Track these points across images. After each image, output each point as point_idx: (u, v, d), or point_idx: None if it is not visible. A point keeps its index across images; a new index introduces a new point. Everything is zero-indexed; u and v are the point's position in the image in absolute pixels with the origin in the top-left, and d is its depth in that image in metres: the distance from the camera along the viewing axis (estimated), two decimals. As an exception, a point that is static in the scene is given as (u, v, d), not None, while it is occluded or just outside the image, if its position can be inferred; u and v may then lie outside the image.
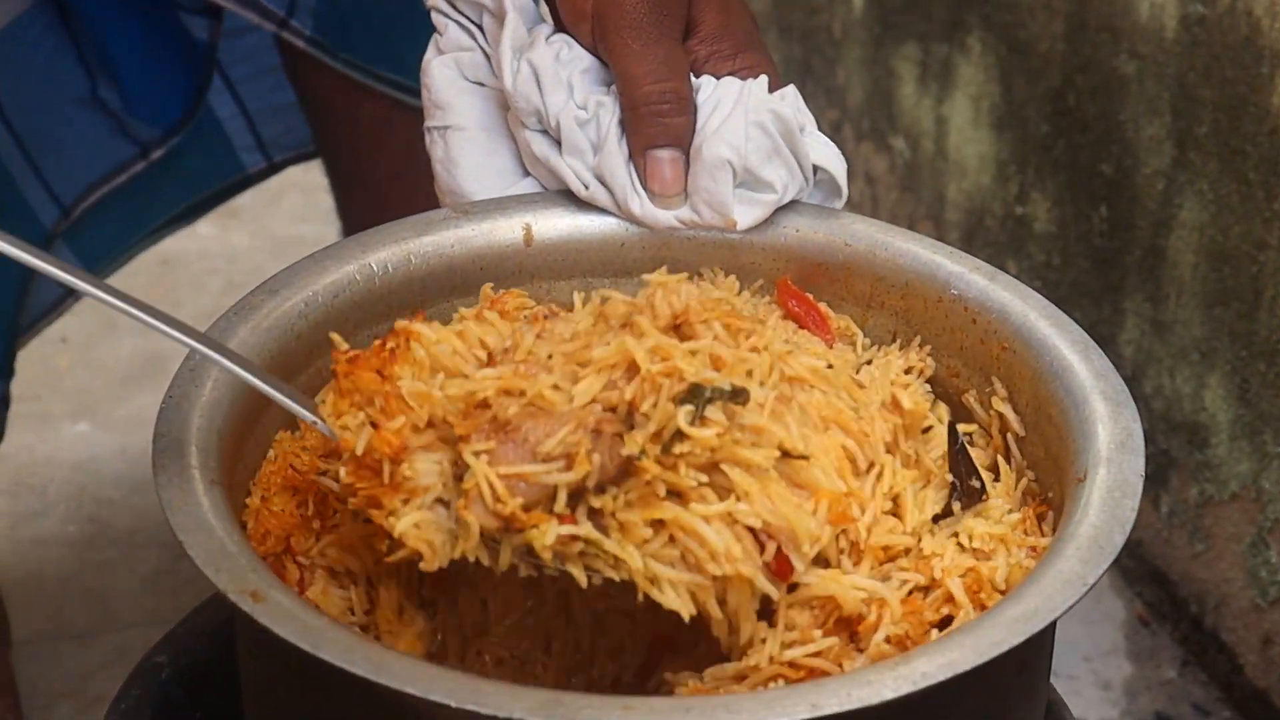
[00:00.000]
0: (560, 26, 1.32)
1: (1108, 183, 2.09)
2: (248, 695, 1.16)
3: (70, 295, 1.86)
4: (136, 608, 2.10)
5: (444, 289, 1.29)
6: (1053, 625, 1.02)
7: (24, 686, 1.97)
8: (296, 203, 2.58)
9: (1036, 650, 1.10)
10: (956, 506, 1.15)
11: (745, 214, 1.27)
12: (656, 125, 1.26)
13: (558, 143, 1.29)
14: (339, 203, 1.97)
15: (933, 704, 0.99)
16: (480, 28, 1.35)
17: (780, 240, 1.30)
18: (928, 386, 1.26)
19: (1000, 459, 1.21)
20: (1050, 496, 1.16)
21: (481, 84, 1.35)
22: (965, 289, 1.25)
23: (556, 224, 1.31)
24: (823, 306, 1.28)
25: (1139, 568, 2.14)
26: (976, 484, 1.16)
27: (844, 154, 1.32)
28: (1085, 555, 1.03)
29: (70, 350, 2.51)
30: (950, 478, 1.16)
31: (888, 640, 1.07)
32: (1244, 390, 1.91)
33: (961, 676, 0.96)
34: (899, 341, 1.28)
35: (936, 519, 1.15)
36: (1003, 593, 1.10)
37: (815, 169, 1.29)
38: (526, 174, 1.34)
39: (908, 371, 1.26)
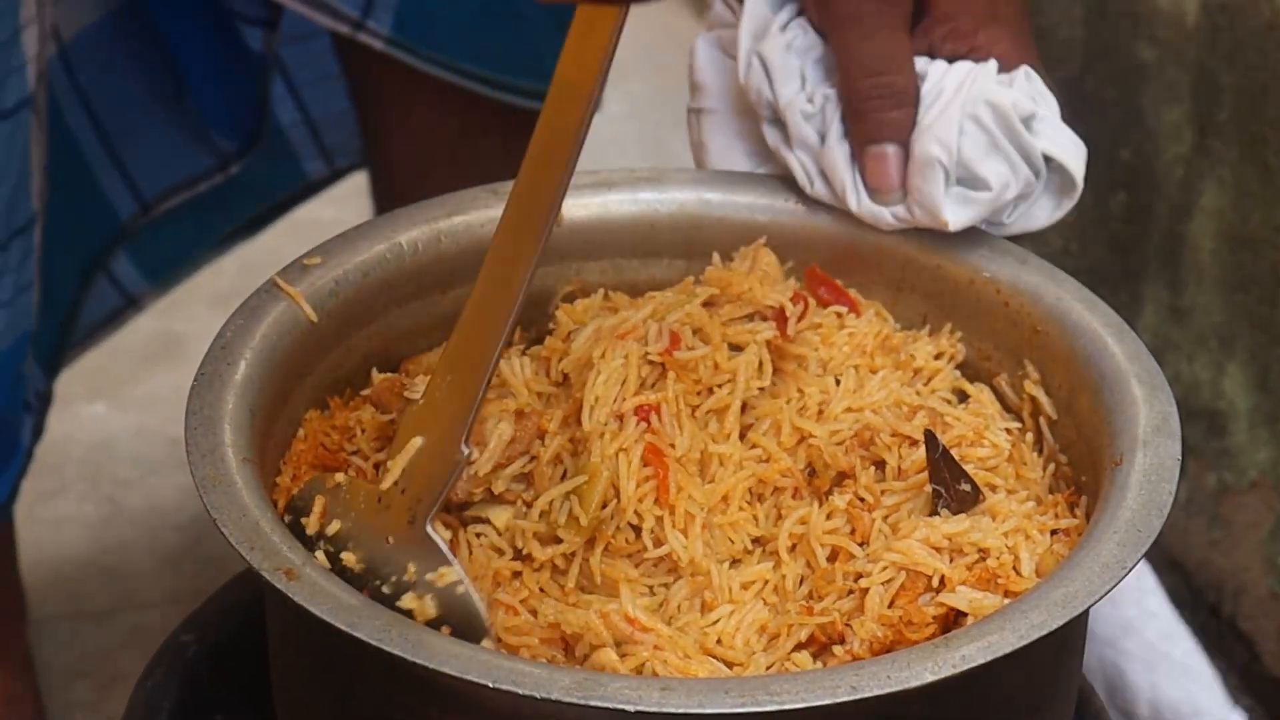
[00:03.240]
0: None
1: (1127, 169, 2.09)
2: (277, 674, 1.16)
3: (129, 307, 1.86)
4: (154, 587, 2.10)
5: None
6: (1088, 610, 1.02)
7: (41, 666, 1.96)
8: (313, 185, 2.57)
9: (1073, 634, 1.10)
10: (945, 513, 1.13)
11: (958, 214, 1.23)
12: (871, 121, 1.23)
13: (787, 134, 1.28)
14: (378, 200, 1.96)
15: (972, 687, 0.99)
16: (741, 1, 1.32)
17: (811, 223, 1.29)
18: (958, 372, 1.25)
19: (1025, 446, 1.21)
20: (1084, 480, 1.16)
21: (735, 58, 1.32)
22: (997, 271, 1.24)
23: (586, 204, 1.31)
24: (852, 292, 1.28)
25: (1156, 555, 2.14)
26: (967, 487, 1.13)
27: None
28: (1123, 539, 1.03)
29: (86, 330, 2.50)
30: (932, 487, 1.14)
31: (871, 643, 1.07)
32: (1264, 377, 1.90)
33: (1001, 659, 0.96)
34: (929, 325, 1.28)
35: None
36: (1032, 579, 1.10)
37: (1047, 159, 1.24)
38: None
39: (938, 356, 1.25)
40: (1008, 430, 1.19)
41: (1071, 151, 1.24)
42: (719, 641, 1.08)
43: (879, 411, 1.17)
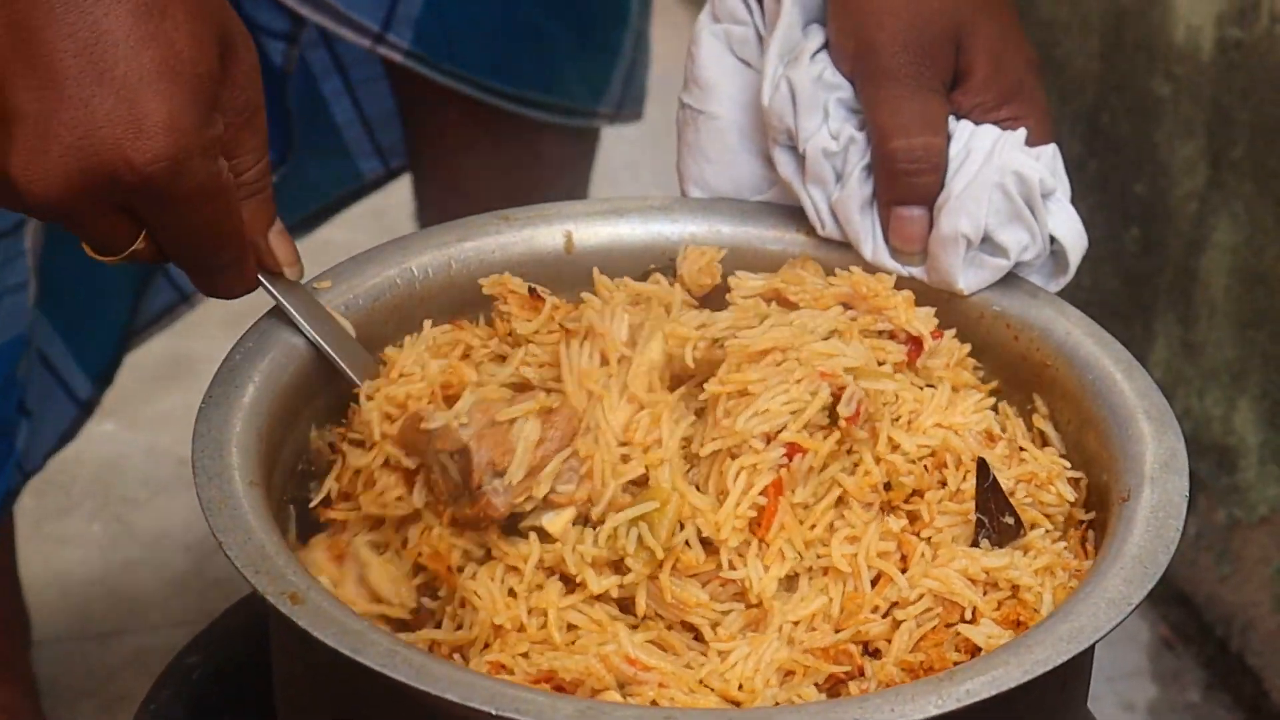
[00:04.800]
0: None
1: (1140, 203, 2.09)
2: (281, 697, 1.16)
3: (183, 303, 1.85)
4: (160, 608, 2.10)
5: (483, 295, 1.28)
6: (1093, 646, 1.01)
7: (46, 685, 1.96)
8: (327, 206, 2.58)
9: (1078, 670, 1.09)
10: (985, 543, 1.12)
11: (972, 278, 1.24)
12: (903, 184, 1.23)
13: (803, 163, 1.27)
14: (420, 206, 1.97)
15: (976, 721, 0.98)
16: (760, 1, 1.31)
17: (821, 254, 1.29)
18: (996, 402, 1.24)
19: (1082, 489, 1.19)
20: (1091, 516, 1.16)
21: (748, 63, 1.32)
22: (1008, 305, 1.24)
23: (597, 232, 1.31)
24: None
25: (1164, 590, 2.13)
26: (1010, 520, 1.13)
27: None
28: (1129, 575, 1.03)
29: (97, 349, 2.51)
30: (976, 516, 1.13)
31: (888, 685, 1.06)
32: (1274, 414, 1.90)
33: (1006, 694, 0.96)
34: (941, 358, 1.27)
35: None
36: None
37: (1052, 239, 1.25)
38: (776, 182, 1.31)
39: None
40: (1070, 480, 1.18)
41: (1075, 239, 1.25)
42: (741, 687, 1.06)
43: (962, 434, 1.15)
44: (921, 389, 1.18)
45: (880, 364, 1.17)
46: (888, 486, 1.13)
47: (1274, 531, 1.93)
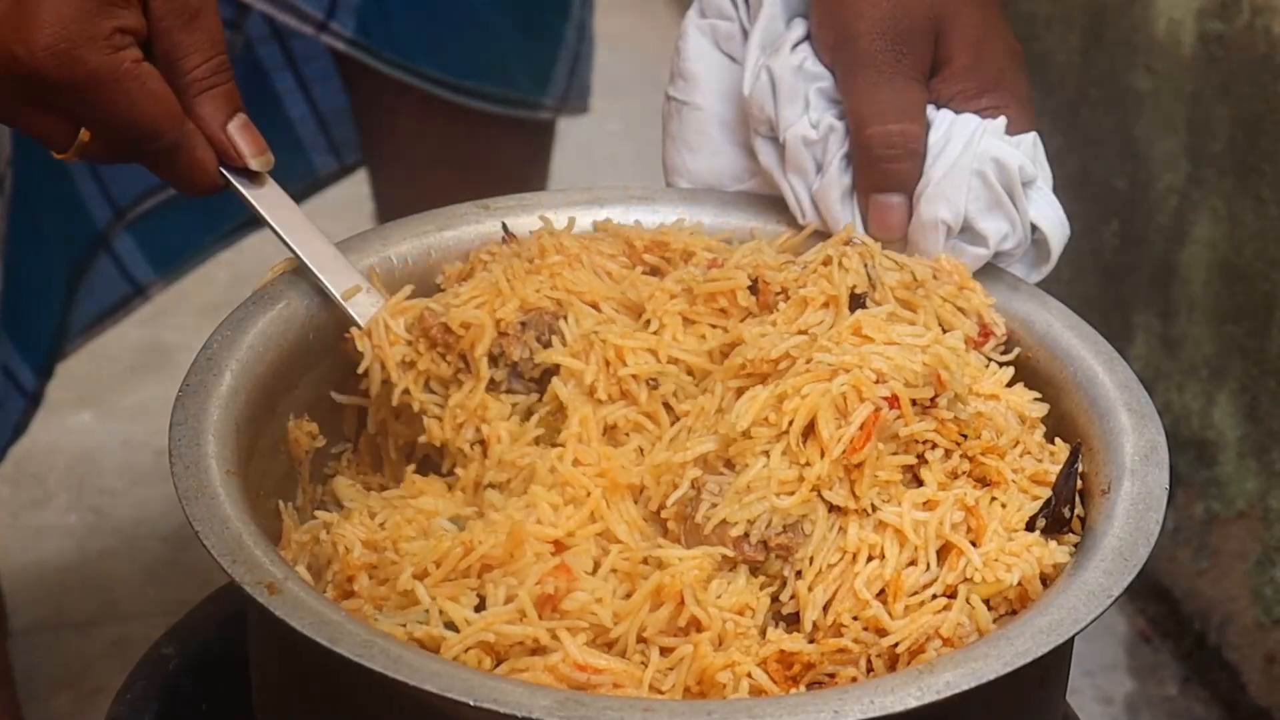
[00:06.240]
0: None
1: (1120, 197, 2.09)
2: (258, 688, 1.15)
3: (137, 295, 1.85)
4: (137, 598, 2.10)
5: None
6: (1072, 638, 1.01)
7: (23, 676, 1.96)
8: (304, 197, 2.59)
9: (1057, 662, 1.09)
10: (1041, 523, 1.10)
11: None
12: (881, 171, 1.23)
13: (783, 153, 1.27)
14: (377, 201, 1.96)
15: (956, 713, 0.98)
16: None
17: (800, 245, 1.28)
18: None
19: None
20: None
21: (733, 58, 1.32)
22: (988, 296, 1.24)
23: (576, 220, 1.30)
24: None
25: (1142, 583, 2.13)
26: (1067, 513, 1.10)
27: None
28: (1110, 567, 1.02)
29: (74, 339, 2.50)
30: (1051, 495, 1.10)
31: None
32: (1253, 408, 1.90)
33: (985, 686, 0.95)
34: (921, 349, 1.27)
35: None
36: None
37: (1033, 228, 1.24)
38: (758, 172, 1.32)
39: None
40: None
41: (1057, 228, 1.25)
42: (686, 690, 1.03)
43: (1010, 407, 1.14)
44: (985, 365, 1.17)
45: (948, 330, 1.16)
46: (964, 437, 1.11)
47: (1252, 525, 1.93)
